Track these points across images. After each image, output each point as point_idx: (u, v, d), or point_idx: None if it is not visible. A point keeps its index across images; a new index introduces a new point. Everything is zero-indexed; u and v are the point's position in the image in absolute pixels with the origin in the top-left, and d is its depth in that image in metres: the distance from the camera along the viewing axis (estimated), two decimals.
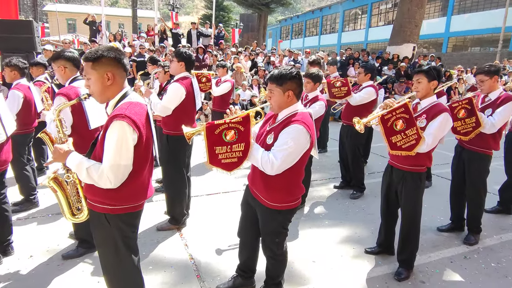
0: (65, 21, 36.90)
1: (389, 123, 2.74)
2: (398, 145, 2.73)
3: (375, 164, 6.18)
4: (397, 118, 2.71)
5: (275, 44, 34.67)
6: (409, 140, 2.69)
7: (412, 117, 2.69)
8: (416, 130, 2.67)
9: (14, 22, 8.91)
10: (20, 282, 2.81)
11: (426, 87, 2.85)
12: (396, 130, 2.72)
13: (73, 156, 1.86)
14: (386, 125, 2.75)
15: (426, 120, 2.79)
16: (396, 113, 2.72)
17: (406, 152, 2.72)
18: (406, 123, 2.68)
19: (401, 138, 2.71)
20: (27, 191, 4.12)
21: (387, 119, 2.75)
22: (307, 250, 3.40)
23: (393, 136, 2.74)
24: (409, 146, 2.70)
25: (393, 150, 2.77)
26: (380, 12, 28.93)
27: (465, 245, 3.54)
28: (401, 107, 2.71)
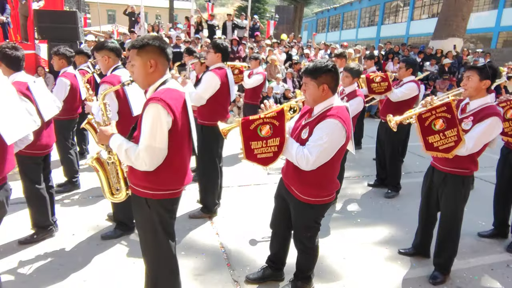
0: (106, 12, 38.27)
1: (427, 122, 2.60)
2: (434, 145, 2.58)
3: (412, 164, 5.95)
4: (437, 117, 2.57)
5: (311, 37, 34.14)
6: (447, 142, 2.53)
7: (454, 117, 2.52)
8: (457, 131, 2.50)
9: (60, 12, 9.38)
10: (64, 258, 2.99)
11: (477, 85, 2.62)
12: (434, 130, 2.58)
13: (115, 138, 1.95)
14: (423, 123, 2.62)
15: (473, 123, 2.58)
16: (436, 111, 2.58)
17: (442, 154, 2.57)
18: (446, 123, 2.53)
19: (439, 139, 2.56)
20: (70, 173, 4.36)
21: (425, 117, 2.61)
22: (338, 246, 3.35)
23: (430, 135, 2.60)
24: (447, 148, 2.54)
25: (428, 150, 2.62)
26: (423, 4, 27.54)
27: (508, 253, 3.34)
28: (443, 106, 2.56)
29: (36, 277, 2.72)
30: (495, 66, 2.69)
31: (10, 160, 2.00)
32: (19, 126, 1.99)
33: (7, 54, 2.82)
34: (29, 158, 3.05)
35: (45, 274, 2.76)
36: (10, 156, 1.99)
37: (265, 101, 2.30)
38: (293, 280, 2.64)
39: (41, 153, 3.16)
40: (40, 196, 3.14)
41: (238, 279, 2.81)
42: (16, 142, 2.08)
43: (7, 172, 1.99)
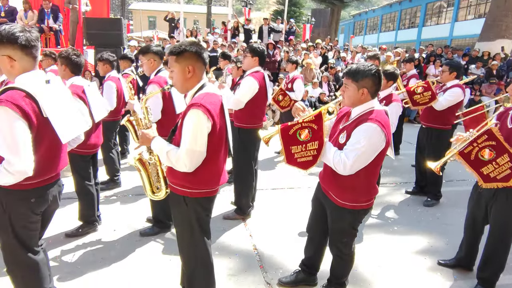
0: (147, 18, 39.97)
1: (472, 155, 2.47)
2: (491, 176, 2.44)
3: (454, 172, 5.66)
4: (481, 148, 2.43)
5: (347, 40, 33.49)
6: (503, 170, 2.39)
7: (500, 142, 2.38)
8: (509, 156, 2.36)
9: (106, 20, 9.96)
10: (105, 251, 3.16)
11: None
12: (485, 161, 2.44)
13: (157, 140, 2.05)
14: (469, 158, 2.49)
15: None
16: (478, 143, 2.45)
17: (503, 184, 2.43)
18: (494, 150, 2.40)
19: (493, 169, 2.42)
20: (112, 172, 4.60)
21: (468, 152, 2.48)
22: (372, 254, 3.26)
23: (483, 167, 2.45)
24: (505, 176, 2.40)
25: (487, 182, 2.48)
26: (469, 4, 26.11)
27: None
28: (483, 135, 2.43)
29: (80, 269, 2.90)
30: None
31: (64, 158, 2.16)
32: (72, 127, 2.14)
33: (73, 60, 3.14)
34: (80, 157, 3.29)
35: (88, 266, 2.93)
36: (63, 154, 2.15)
37: (296, 104, 2.31)
38: (327, 285, 2.61)
39: (90, 152, 3.39)
40: (89, 192, 3.36)
41: (270, 282, 2.82)
42: (69, 142, 2.24)
43: (60, 169, 2.14)
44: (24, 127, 1.79)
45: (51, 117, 1.93)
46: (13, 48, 1.80)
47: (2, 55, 1.82)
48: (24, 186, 1.92)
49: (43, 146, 1.94)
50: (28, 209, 2.00)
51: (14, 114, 1.74)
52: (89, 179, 3.39)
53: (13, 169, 1.76)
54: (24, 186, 1.92)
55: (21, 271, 2.09)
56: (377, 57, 5.57)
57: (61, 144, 2.06)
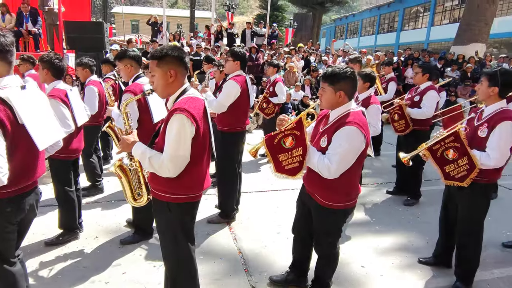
0: (130, 22, 39.50)
1: (438, 153, 2.65)
2: (451, 175, 2.63)
3: (433, 171, 5.76)
4: (447, 147, 2.61)
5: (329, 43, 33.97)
6: (460, 171, 2.57)
7: (463, 145, 2.54)
8: (468, 159, 2.52)
9: (87, 23, 9.81)
10: (88, 259, 3.10)
11: (485, 91, 2.61)
12: (448, 160, 2.61)
13: (138, 146, 2.03)
14: (435, 155, 2.67)
15: (488, 129, 2.55)
16: (445, 142, 2.61)
17: (458, 183, 2.61)
18: (457, 152, 2.57)
19: (453, 168, 2.60)
20: (93, 178, 4.52)
21: (435, 149, 2.66)
22: (356, 254, 3.32)
23: (446, 165, 2.63)
24: (461, 176, 2.58)
25: (446, 180, 2.67)
26: (444, 9, 26.99)
27: None
28: (451, 136, 2.59)
29: (60, 278, 2.83)
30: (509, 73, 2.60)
31: (41, 165, 2.10)
32: (49, 133, 2.09)
33: (55, 64, 3.08)
34: (60, 162, 3.22)
35: (69, 275, 2.86)
36: (41, 161, 2.09)
37: (282, 116, 2.37)
38: (311, 287, 2.64)
39: (71, 156, 3.33)
40: (70, 198, 3.29)
41: (255, 285, 2.83)
42: (47, 148, 2.19)
43: (38, 177, 2.09)
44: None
45: (27, 124, 1.88)
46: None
47: None
48: (0, 195, 1.87)
49: (18, 153, 1.89)
50: (4, 219, 1.94)
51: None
52: (69, 185, 3.31)
53: None
54: (0, 195, 1.87)
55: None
56: (359, 60, 5.69)
57: (37, 151, 2.01)
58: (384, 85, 6.17)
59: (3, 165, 1.76)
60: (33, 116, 1.93)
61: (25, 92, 1.93)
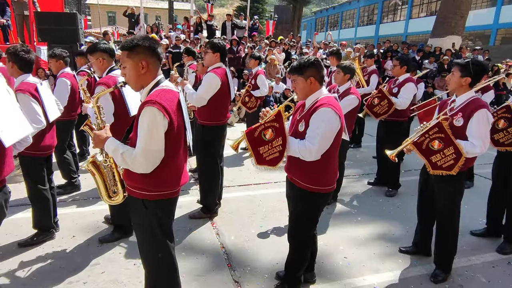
0: (106, 13, 38.26)
1: (423, 145, 2.68)
2: (438, 164, 2.65)
3: (412, 161, 5.94)
4: (432, 139, 2.65)
5: (309, 36, 34.03)
6: (448, 160, 2.61)
7: (448, 135, 2.59)
8: (454, 148, 2.57)
9: (60, 14, 9.37)
10: (65, 260, 2.99)
11: (458, 81, 2.69)
12: (434, 150, 2.65)
13: (110, 142, 1.94)
14: (421, 148, 2.70)
15: (463, 118, 2.63)
16: (429, 134, 2.65)
17: (447, 172, 2.64)
18: (443, 142, 2.61)
19: (440, 158, 2.64)
20: (68, 175, 4.36)
21: (420, 142, 2.69)
22: (338, 245, 3.35)
23: (432, 156, 2.66)
24: (449, 165, 2.61)
25: (434, 169, 2.68)
26: (422, 2, 27.52)
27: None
28: (434, 127, 2.63)
29: (36, 280, 2.71)
30: (483, 63, 2.71)
31: (9, 163, 1.99)
32: (17, 129, 1.98)
33: (22, 57, 2.91)
34: (32, 159, 3.07)
35: (45, 276, 2.75)
36: (8, 158, 1.98)
37: (262, 109, 2.40)
38: (280, 284, 2.66)
39: (44, 153, 3.18)
40: (43, 197, 3.15)
41: (239, 280, 2.81)
42: (15, 145, 2.08)
43: (5, 175, 1.98)
44: None
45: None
46: None
47: None
48: None
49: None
50: None
51: None
52: (43, 183, 3.16)
53: None
54: None
55: None
56: (338, 52, 5.73)
57: (3, 148, 1.91)
58: (366, 77, 6.22)
59: None
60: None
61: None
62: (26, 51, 2.93)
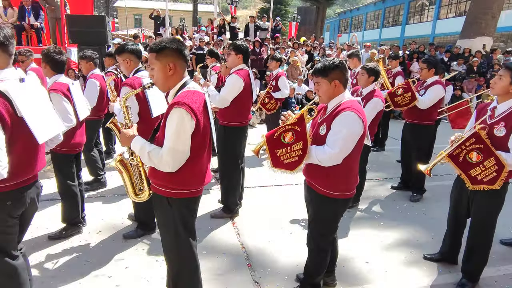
0: (132, 16, 39.33)
1: (460, 158, 2.50)
2: (479, 178, 2.46)
3: (438, 166, 5.71)
4: (469, 150, 2.46)
5: (333, 37, 33.69)
6: (489, 173, 2.42)
7: (487, 145, 2.41)
8: (496, 159, 2.38)
9: (90, 17, 9.74)
10: (91, 254, 3.09)
11: (505, 87, 2.46)
12: (473, 163, 2.46)
13: (137, 140, 2.00)
14: (457, 160, 2.52)
15: (506, 128, 2.42)
16: (466, 146, 2.48)
17: (489, 186, 2.46)
18: (482, 153, 2.42)
19: (480, 171, 2.44)
20: (95, 172, 4.51)
21: (456, 154, 2.51)
22: (360, 249, 3.29)
23: (471, 169, 2.48)
24: (491, 179, 2.43)
25: (475, 184, 2.50)
26: (450, 2, 26.68)
27: None
28: (471, 138, 2.46)
29: (64, 272, 2.83)
30: None
31: (41, 159, 2.08)
32: (49, 127, 2.07)
33: (54, 58, 3.06)
34: (63, 156, 3.22)
35: (72, 269, 2.86)
36: (41, 155, 2.08)
37: (284, 113, 2.36)
38: (299, 287, 2.63)
39: (73, 151, 3.31)
40: (72, 192, 3.28)
41: (258, 280, 2.81)
42: (47, 142, 2.17)
43: (38, 170, 2.07)
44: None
45: (26, 117, 1.86)
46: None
47: None
48: (0, 189, 1.86)
49: (18, 147, 1.88)
50: (5, 213, 1.93)
51: None
52: (72, 179, 3.30)
53: None
54: (0, 189, 1.86)
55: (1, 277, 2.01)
56: (356, 54, 5.70)
57: (37, 144, 1.99)
58: (391, 79, 6.09)
59: (3, 159, 1.74)
60: (32, 109, 1.92)
61: (24, 85, 1.91)
62: (58, 52, 3.07)
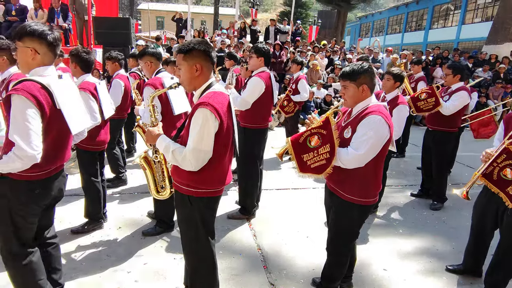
0: (155, 18, 40.17)
1: (494, 176, 2.44)
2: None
3: (460, 174, 5.62)
4: (502, 167, 2.40)
5: (354, 42, 33.35)
6: None
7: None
8: None
9: (115, 19, 10.01)
10: (111, 249, 3.18)
11: None
12: (509, 180, 2.39)
13: (162, 139, 2.06)
14: (491, 179, 2.45)
15: None
16: (497, 163, 2.41)
17: None
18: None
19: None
20: (116, 169, 4.63)
21: (489, 173, 2.45)
22: (378, 257, 3.25)
23: (508, 187, 2.41)
24: None
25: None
26: (477, 7, 25.93)
27: None
28: (502, 154, 2.39)
29: (85, 265, 2.91)
30: None
31: (69, 150, 2.25)
32: (81, 120, 2.23)
33: (83, 57, 3.19)
34: (88, 153, 3.34)
35: (93, 263, 2.95)
36: (69, 146, 2.25)
37: (309, 116, 2.38)
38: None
39: (98, 148, 3.43)
40: (95, 188, 3.39)
41: (274, 282, 2.82)
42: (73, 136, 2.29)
43: (65, 161, 2.22)
44: (36, 115, 1.86)
45: (64, 109, 2.02)
46: (39, 43, 1.94)
47: (27, 47, 1.93)
48: (31, 177, 1.98)
49: (51, 136, 2.02)
50: (32, 201, 2.05)
51: (28, 103, 1.83)
52: (96, 175, 3.41)
53: (22, 154, 1.81)
54: (31, 177, 1.98)
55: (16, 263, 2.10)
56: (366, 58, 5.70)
57: (68, 136, 2.15)
58: (413, 84, 5.99)
59: (39, 144, 1.87)
60: (68, 103, 2.07)
61: (61, 81, 2.07)
62: (87, 52, 3.20)
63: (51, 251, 2.36)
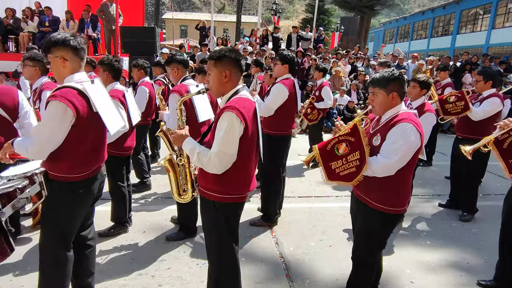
0: (179, 27, 41.18)
1: (505, 143, 2.38)
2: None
3: (492, 185, 5.39)
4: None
5: (377, 48, 32.85)
6: None
7: None
8: None
9: (141, 28, 10.32)
10: (136, 253, 3.24)
11: None
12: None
13: (188, 141, 2.10)
14: (501, 146, 2.40)
15: None
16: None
17: None
18: None
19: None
20: (141, 174, 4.74)
21: (502, 139, 2.39)
22: (404, 268, 3.14)
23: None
24: None
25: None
26: (508, 11, 25.00)
27: None
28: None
29: (111, 268, 2.98)
30: None
31: (106, 151, 2.36)
32: (115, 121, 2.34)
33: (115, 66, 3.34)
34: (116, 159, 3.43)
35: (118, 266, 3.01)
36: (106, 148, 2.36)
37: (336, 123, 2.35)
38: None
39: (125, 154, 3.53)
40: (122, 193, 3.49)
41: None
42: None
43: (103, 161, 2.33)
44: (67, 118, 1.96)
45: (101, 112, 2.12)
46: (65, 50, 2.04)
47: (56, 57, 2.04)
48: (74, 178, 2.10)
49: (91, 138, 2.13)
50: (77, 202, 2.16)
51: (65, 107, 1.94)
52: (122, 180, 3.51)
53: (30, 148, 1.97)
54: (74, 178, 2.10)
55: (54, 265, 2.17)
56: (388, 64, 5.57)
57: (104, 138, 2.28)
58: (440, 91, 5.81)
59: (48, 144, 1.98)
60: (103, 105, 2.18)
61: (94, 86, 2.17)
62: (118, 61, 3.33)
63: (89, 255, 2.45)
